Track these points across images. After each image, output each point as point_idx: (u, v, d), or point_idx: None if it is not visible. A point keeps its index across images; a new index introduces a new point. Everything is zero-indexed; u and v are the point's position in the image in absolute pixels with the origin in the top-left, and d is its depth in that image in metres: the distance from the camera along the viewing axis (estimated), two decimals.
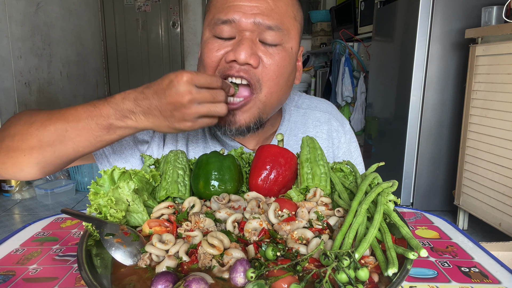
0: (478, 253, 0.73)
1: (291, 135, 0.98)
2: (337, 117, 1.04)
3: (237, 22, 0.76)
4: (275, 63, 0.78)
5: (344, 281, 0.46)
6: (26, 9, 3.88)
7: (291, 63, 0.82)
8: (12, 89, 3.64)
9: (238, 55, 0.74)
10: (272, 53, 0.78)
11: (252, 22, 0.76)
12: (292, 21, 0.81)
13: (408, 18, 2.75)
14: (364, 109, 3.68)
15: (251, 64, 0.76)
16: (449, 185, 2.79)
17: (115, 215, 0.59)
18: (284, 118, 0.98)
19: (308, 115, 1.02)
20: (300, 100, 1.04)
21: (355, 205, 0.58)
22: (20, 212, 2.92)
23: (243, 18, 0.76)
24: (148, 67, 6.23)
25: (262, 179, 0.70)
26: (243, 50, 0.74)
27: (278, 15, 0.77)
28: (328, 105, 1.07)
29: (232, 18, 0.76)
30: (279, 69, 0.79)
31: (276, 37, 0.78)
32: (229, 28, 0.77)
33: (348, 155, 1.03)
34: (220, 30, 0.77)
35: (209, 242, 0.53)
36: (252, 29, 0.76)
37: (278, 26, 0.77)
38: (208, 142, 0.94)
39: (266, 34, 0.77)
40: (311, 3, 6.18)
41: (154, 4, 6.02)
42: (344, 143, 1.03)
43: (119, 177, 0.65)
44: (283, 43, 0.79)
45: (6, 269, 0.66)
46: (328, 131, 1.02)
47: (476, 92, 2.34)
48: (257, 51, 0.77)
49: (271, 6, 0.77)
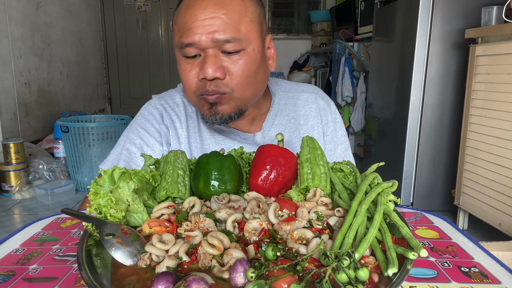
0: (478, 253, 0.73)
1: (282, 115, 1.07)
2: (323, 97, 1.13)
3: (198, 43, 0.84)
4: (240, 68, 0.87)
5: (344, 281, 0.46)
6: (26, 9, 3.88)
7: (255, 63, 0.90)
8: (12, 89, 3.64)
9: (206, 72, 0.84)
10: (235, 60, 0.86)
11: (210, 40, 0.83)
12: (249, 24, 0.87)
13: (408, 18, 2.75)
14: (364, 109, 3.68)
15: (218, 77, 0.85)
16: (449, 185, 2.79)
17: (115, 215, 0.59)
18: (274, 101, 1.08)
19: (296, 97, 1.11)
20: (288, 86, 1.14)
21: (355, 205, 0.58)
22: (20, 212, 2.92)
23: (202, 37, 0.83)
24: (148, 67, 6.24)
25: (262, 179, 0.70)
26: (209, 67, 0.83)
27: (233, 26, 0.84)
28: (314, 88, 1.16)
29: (193, 41, 0.84)
30: (244, 72, 0.87)
31: (236, 46, 0.85)
32: (193, 49, 0.85)
33: (334, 134, 1.11)
34: (187, 51, 0.86)
35: (209, 242, 0.53)
36: (212, 46, 0.84)
37: (235, 37, 0.84)
38: (204, 133, 1.04)
39: (226, 46, 0.84)
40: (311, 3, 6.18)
41: (154, 4, 6.02)
42: (331, 121, 1.11)
43: (119, 177, 0.65)
44: (244, 47, 0.87)
45: (6, 269, 0.66)
46: (317, 109, 1.10)
47: (476, 92, 2.34)
48: (222, 63, 0.85)
49: (225, 21, 0.83)
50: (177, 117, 1.04)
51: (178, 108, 1.05)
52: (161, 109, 1.04)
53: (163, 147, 1.03)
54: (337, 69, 3.99)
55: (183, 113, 1.04)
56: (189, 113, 1.05)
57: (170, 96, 1.07)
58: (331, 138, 1.10)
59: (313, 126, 1.08)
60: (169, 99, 1.06)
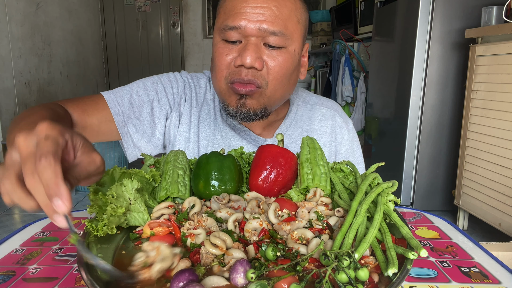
0: (478, 253, 0.73)
1: (296, 127, 1.05)
2: (341, 115, 1.10)
3: (243, 28, 0.82)
4: (278, 65, 0.85)
5: (344, 281, 0.46)
6: (26, 9, 3.88)
7: (293, 64, 0.88)
8: (12, 89, 3.64)
9: (244, 59, 0.81)
10: (275, 56, 0.84)
11: (257, 28, 0.81)
12: (295, 24, 0.86)
13: (408, 18, 2.75)
14: (364, 109, 3.68)
15: (256, 68, 0.82)
16: (449, 185, 2.79)
17: (116, 210, 0.58)
18: (291, 110, 1.05)
19: (314, 110, 1.08)
20: (307, 97, 1.12)
21: (355, 205, 0.58)
22: (20, 212, 2.92)
23: (248, 25, 0.81)
24: (148, 67, 6.24)
25: (262, 179, 0.70)
26: (249, 55, 0.81)
27: (282, 21, 0.83)
28: (334, 104, 1.12)
29: (239, 25, 0.82)
30: (281, 70, 0.85)
31: (279, 41, 0.83)
32: (236, 33, 0.83)
33: (351, 153, 1.08)
34: (228, 35, 0.84)
35: (212, 242, 0.53)
36: (257, 35, 0.82)
37: (281, 32, 0.83)
38: (219, 123, 1.01)
39: (270, 38, 0.83)
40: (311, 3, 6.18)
41: (154, 4, 6.02)
42: (347, 140, 1.08)
43: (119, 177, 0.65)
44: (287, 46, 0.85)
45: (6, 269, 0.66)
46: (332, 126, 1.07)
47: (476, 92, 2.34)
48: (262, 55, 0.83)
49: (275, 13, 0.82)
50: (195, 97, 1.03)
51: (200, 90, 1.04)
52: (186, 81, 1.03)
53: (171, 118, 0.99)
54: (337, 69, 3.99)
55: (202, 97, 1.03)
56: (207, 99, 1.03)
57: (196, 77, 1.06)
58: (345, 157, 1.07)
59: (325, 143, 1.05)
60: (195, 78, 1.06)
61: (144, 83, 0.99)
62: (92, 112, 0.91)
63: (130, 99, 0.96)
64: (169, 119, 1.00)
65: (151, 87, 0.99)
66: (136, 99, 0.96)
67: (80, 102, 0.90)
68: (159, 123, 0.98)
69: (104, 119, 0.92)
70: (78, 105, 0.89)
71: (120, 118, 0.94)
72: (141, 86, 0.98)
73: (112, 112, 0.93)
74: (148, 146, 0.98)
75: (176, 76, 1.03)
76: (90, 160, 0.50)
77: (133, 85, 0.99)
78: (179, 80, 1.02)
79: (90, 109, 0.91)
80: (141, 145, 0.97)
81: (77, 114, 0.88)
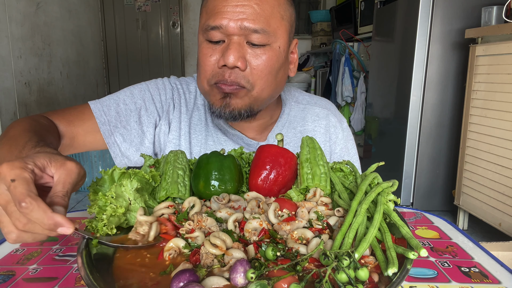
0: (478, 253, 0.73)
1: (290, 128, 1.04)
2: (335, 114, 1.09)
3: (225, 28, 0.81)
4: (262, 63, 0.84)
5: (344, 281, 0.46)
6: (26, 9, 3.88)
7: (278, 61, 0.87)
8: (12, 89, 3.64)
9: (227, 59, 0.81)
10: (259, 54, 0.84)
11: (238, 26, 0.81)
12: (279, 21, 0.85)
13: (408, 18, 2.75)
14: (364, 109, 3.68)
15: (239, 67, 0.82)
16: (449, 185, 2.79)
17: (115, 210, 0.58)
18: (284, 111, 1.04)
19: (307, 110, 1.07)
20: (300, 96, 1.10)
21: (355, 205, 0.58)
22: None
23: (230, 23, 0.81)
24: (148, 67, 6.23)
25: (262, 179, 0.70)
26: (231, 55, 0.81)
27: (264, 18, 0.82)
28: (327, 103, 1.11)
29: (220, 24, 0.81)
30: (266, 68, 0.85)
31: (262, 39, 0.82)
32: (218, 33, 0.83)
33: (345, 152, 1.07)
34: (211, 35, 0.83)
35: (212, 242, 0.53)
36: (239, 33, 0.82)
37: (264, 29, 0.82)
38: (210, 129, 1.00)
39: (252, 36, 0.82)
40: (311, 3, 6.18)
41: (154, 4, 6.01)
42: (341, 139, 1.07)
43: (119, 177, 0.65)
44: (270, 43, 0.84)
45: (6, 269, 0.66)
46: (326, 126, 1.06)
47: (476, 92, 2.34)
48: (245, 54, 0.83)
49: (256, 10, 0.81)
50: (185, 102, 1.01)
51: (190, 95, 1.02)
52: (175, 87, 1.02)
53: (161, 126, 0.98)
54: (337, 69, 3.99)
55: (192, 102, 1.02)
56: (198, 104, 1.02)
57: (185, 82, 1.05)
58: (340, 156, 1.06)
59: (319, 143, 1.04)
60: (184, 83, 1.04)
61: (131, 92, 0.98)
62: (77, 122, 0.90)
63: (116, 108, 0.95)
64: (158, 127, 0.98)
65: (138, 95, 0.97)
66: (123, 108, 0.95)
67: (65, 113, 0.90)
68: (148, 132, 0.97)
69: (90, 129, 0.92)
70: (64, 116, 0.89)
71: (106, 127, 0.93)
72: (128, 95, 0.97)
73: (98, 121, 0.92)
74: (137, 155, 0.97)
75: (165, 82, 1.02)
76: (67, 171, 0.50)
77: (121, 93, 0.98)
78: (167, 87, 1.01)
79: (75, 119, 0.90)
80: (130, 154, 0.96)
81: (63, 125, 0.88)
